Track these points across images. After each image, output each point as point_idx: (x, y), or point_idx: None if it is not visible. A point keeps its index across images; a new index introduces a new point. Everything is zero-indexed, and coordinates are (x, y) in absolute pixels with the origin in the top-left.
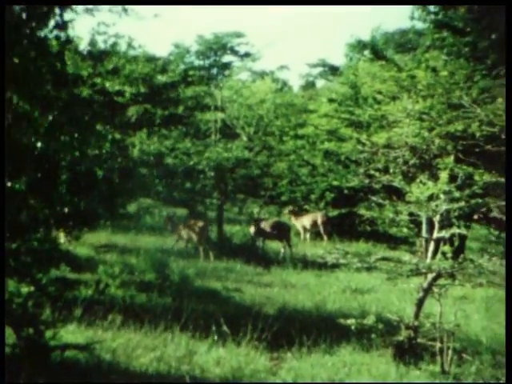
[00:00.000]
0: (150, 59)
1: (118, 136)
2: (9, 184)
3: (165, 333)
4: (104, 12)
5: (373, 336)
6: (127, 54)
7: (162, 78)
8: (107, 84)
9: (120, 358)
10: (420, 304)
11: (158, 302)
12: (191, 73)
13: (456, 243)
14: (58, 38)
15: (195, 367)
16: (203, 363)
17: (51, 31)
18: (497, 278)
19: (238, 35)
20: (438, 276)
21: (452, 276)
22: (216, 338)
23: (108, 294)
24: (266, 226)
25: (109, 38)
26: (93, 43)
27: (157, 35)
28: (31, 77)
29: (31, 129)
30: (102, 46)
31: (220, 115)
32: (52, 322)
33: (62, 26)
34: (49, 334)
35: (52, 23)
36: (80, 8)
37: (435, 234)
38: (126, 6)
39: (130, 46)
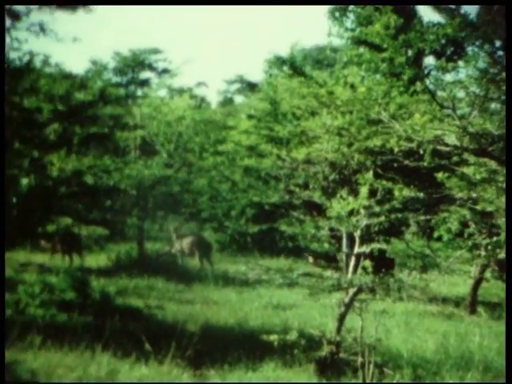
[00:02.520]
0: (67, 76)
1: (36, 154)
2: None
3: (86, 352)
4: (22, 31)
5: (295, 351)
6: (43, 71)
7: (79, 96)
8: (25, 102)
9: (40, 379)
10: (341, 319)
11: (79, 321)
12: (109, 91)
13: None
14: None
15: None
16: (126, 382)
17: None
18: (416, 292)
19: (156, 51)
20: (359, 291)
21: (372, 290)
22: (138, 356)
23: (28, 313)
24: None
25: (24, 56)
26: (7, 60)
27: (73, 51)
28: None
29: None
30: (17, 63)
31: (139, 132)
32: None
33: None
34: None
35: None
36: None
37: (356, 249)
38: (45, 26)
39: (45, 63)
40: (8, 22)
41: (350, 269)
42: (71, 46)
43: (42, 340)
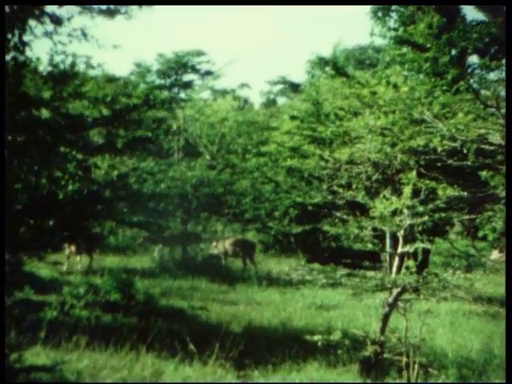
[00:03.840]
0: (111, 79)
1: (80, 157)
2: None
3: (131, 353)
4: (63, 36)
5: (339, 352)
6: (87, 73)
7: (123, 100)
8: (69, 106)
9: (86, 379)
10: (385, 319)
11: (124, 322)
12: (153, 96)
13: (420, 258)
14: (15, 59)
15: None
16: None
17: (8, 52)
18: (461, 292)
19: (199, 53)
20: (403, 291)
21: (416, 290)
22: (182, 357)
23: (73, 315)
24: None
25: (67, 58)
26: (52, 64)
27: (117, 54)
28: None
29: None
30: (61, 66)
31: (182, 134)
32: (17, 344)
33: (21, 47)
34: (14, 356)
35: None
36: (39, 31)
37: (399, 249)
38: (86, 31)
39: (88, 65)
40: (50, 26)
41: (394, 269)
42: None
43: (88, 341)
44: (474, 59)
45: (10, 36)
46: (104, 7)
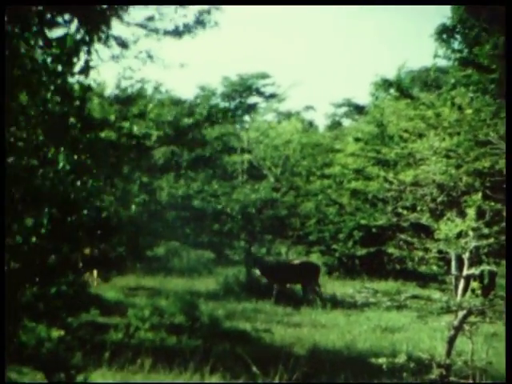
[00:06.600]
0: (176, 102)
1: (145, 179)
2: (31, 225)
3: (195, 375)
4: (130, 59)
5: (404, 375)
6: (154, 97)
7: (187, 121)
8: (134, 128)
9: None
10: (451, 342)
11: (188, 345)
12: (214, 111)
13: (486, 280)
14: (80, 83)
15: None
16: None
17: (73, 76)
18: None
19: (264, 76)
20: (469, 313)
21: (483, 313)
22: (246, 379)
23: (138, 337)
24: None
25: (135, 83)
26: (119, 87)
27: (182, 77)
28: (56, 121)
29: (56, 172)
30: (128, 90)
31: (247, 156)
32: (83, 365)
33: (86, 71)
34: (80, 378)
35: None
36: (106, 55)
37: (465, 271)
38: (152, 53)
39: (156, 90)
40: (117, 49)
41: (459, 291)
42: (181, 71)
43: (152, 363)
44: None
45: (75, 60)
46: (171, 28)
